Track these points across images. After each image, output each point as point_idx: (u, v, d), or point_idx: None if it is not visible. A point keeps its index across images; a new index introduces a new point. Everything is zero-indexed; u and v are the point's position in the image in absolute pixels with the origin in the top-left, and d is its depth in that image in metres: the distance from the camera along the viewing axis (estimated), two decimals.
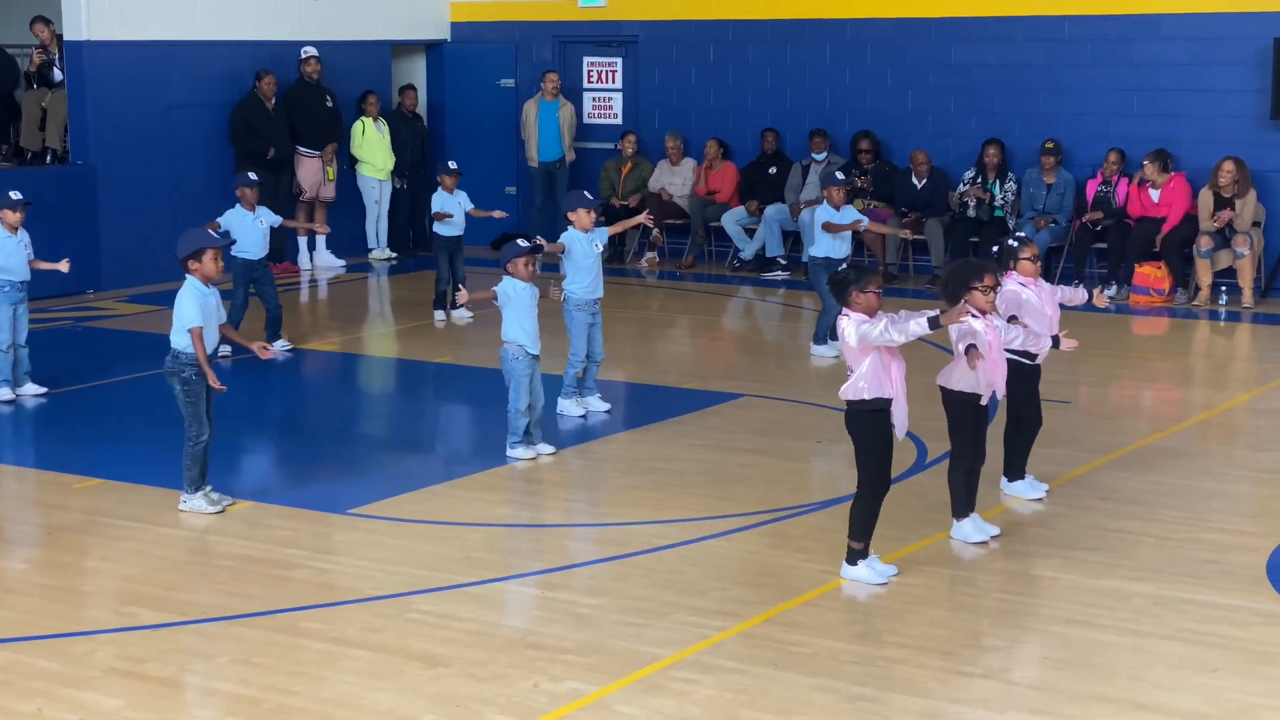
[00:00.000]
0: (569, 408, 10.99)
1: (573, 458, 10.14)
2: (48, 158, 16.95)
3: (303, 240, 17.73)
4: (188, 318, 8.61)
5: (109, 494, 9.24)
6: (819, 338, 13.00)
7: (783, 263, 17.35)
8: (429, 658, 6.79)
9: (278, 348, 13.10)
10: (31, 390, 11.56)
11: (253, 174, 13.13)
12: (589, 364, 11.00)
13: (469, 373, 12.72)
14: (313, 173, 17.73)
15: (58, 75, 16.84)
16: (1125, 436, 10.50)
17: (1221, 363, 13.82)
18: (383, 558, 8.14)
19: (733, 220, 17.72)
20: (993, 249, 9.02)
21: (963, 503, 8.27)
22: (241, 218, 12.71)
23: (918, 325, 7.29)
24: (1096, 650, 6.87)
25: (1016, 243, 8.91)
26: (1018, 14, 16.76)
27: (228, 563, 8.09)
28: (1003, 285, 8.49)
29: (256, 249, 12.85)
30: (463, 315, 14.54)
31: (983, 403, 8.16)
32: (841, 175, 12.93)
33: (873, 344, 7.38)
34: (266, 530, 8.58)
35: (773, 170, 17.74)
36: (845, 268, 7.69)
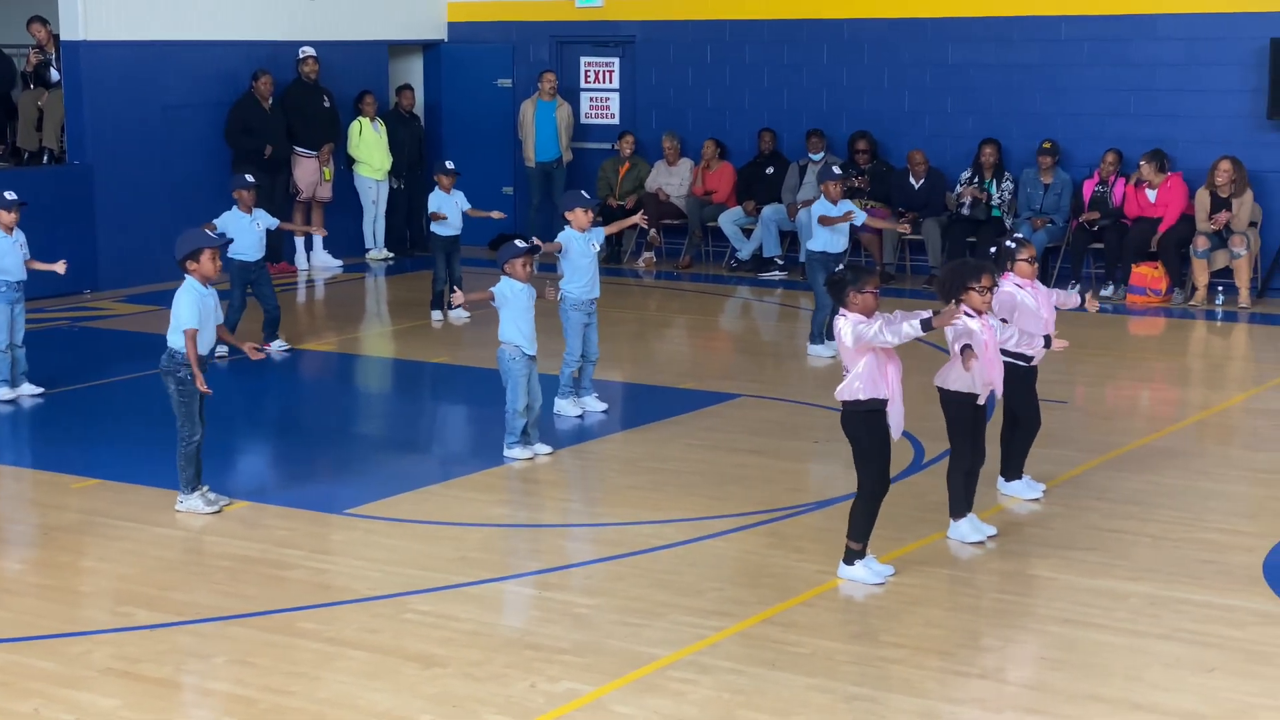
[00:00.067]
0: (566, 408, 10.99)
1: (570, 458, 10.14)
2: (44, 158, 16.93)
3: (300, 240, 17.71)
4: (184, 318, 8.60)
5: (106, 494, 9.24)
6: (815, 337, 13.00)
7: (780, 263, 17.35)
8: (426, 658, 6.78)
9: (275, 348, 13.11)
10: (28, 390, 11.56)
11: (249, 176, 13.13)
12: (584, 364, 11.00)
13: (466, 373, 12.72)
14: (309, 173, 17.72)
15: (54, 75, 16.82)
16: (1122, 436, 10.50)
17: (1218, 363, 13.83)
18: (379, 558, 8.14)
19: (730, 220, 17.73)
20: (990, 250, 9.02)
21: (961, 503, 8.27)
22: (239, 220, 12.70)
23: (910, 327, 7.29)
24: (1093, 650, 6.87)
25: (1014, 244, 8.91)
26: (1014, 14, 16.77)
27: (224, 563, 8.09)
28: (999, 286, 8.49)
29: (254, 251, 12.84)
30: (460, 315, 14.53)
31: (980, 402, 8.16)
32: (839, 170, 12.95)
33: (868, 344, 7.38)
34: (263, 530, 8.58)
35: (770, 170, 17.74)
36: (842, 268, 7.69)
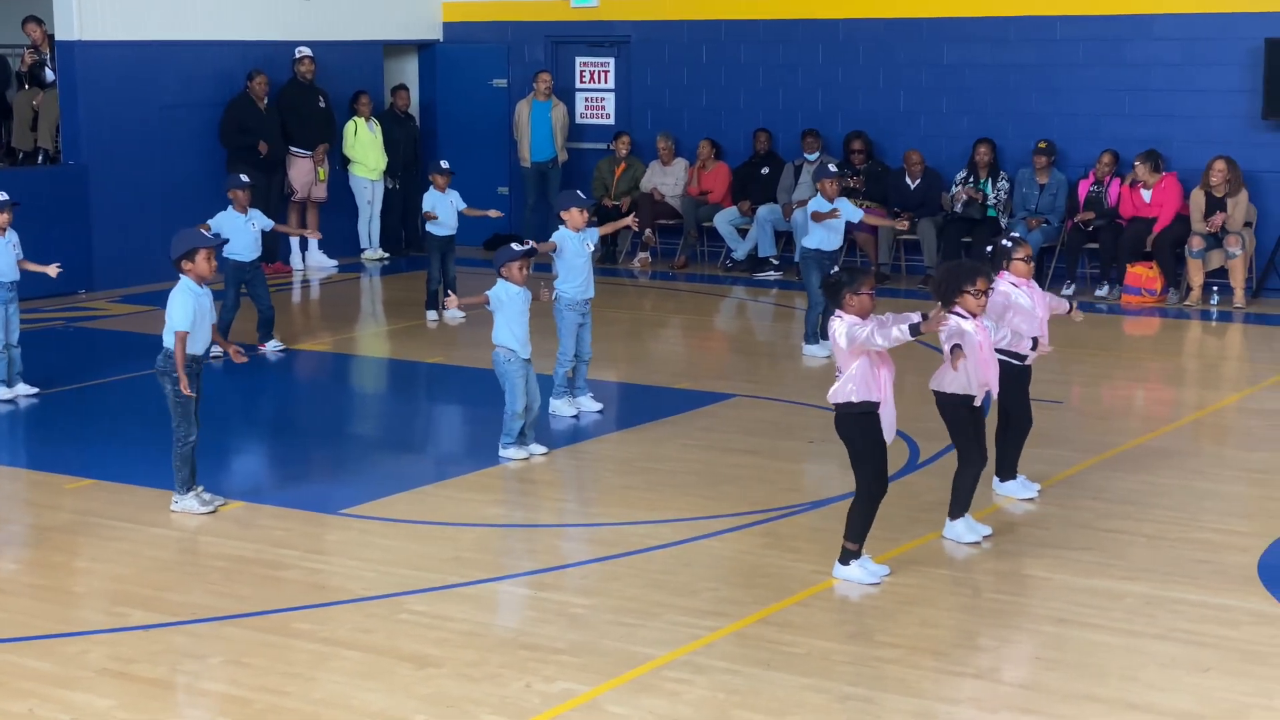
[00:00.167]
0: (561, 408, 10.99)
1: (565, 458, 10.13)
2: (39, 158, 16.92)
3: (295, 241, 17.70)
4: (177, 320, 8.60)
5: (100, 494, 9.23)
6: (810, 337, 13.01)
7: (775, 263, 17.35)
8: (421, 658, 6.78)
9: (270, 348, 13.11)
10: (24, 390, 11.55)
11: (244, 176, 13.13)
12: (578, 363, 11.00)
13: (461, 373, 12.72)
14: (304, 173, 17.72)
15: (49, 75, 16.81)
16: (1117, 436, 10.50)
17: (1213, 363, 13.83)
18: (375, 558, 8.14)
19: (725, 220, 17.73)
20: (987, 249, 9.02)
21: (963, 504, 8.27)
22: (233, 219, 12.69)
23: (900, 331, 7.30)
24: (1089, 650, 6.87)
25: (1010, 243, 8.91)
26: (1010, 14, 16.78)
27: (219, 563, 8.08)
28: (994, 287, 8.49)
29: (249, 251, 12.82)
30: (455, 315, 14.53)
31: (976, 404, 8.16)
32: (834, 168, 12.96)
33: (861, 346, 7.39)
34: (258, 530, 8.57)
35: (765, 170, 17.74)
36: (838, 270, 7.69)
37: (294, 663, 6.74)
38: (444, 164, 14.52)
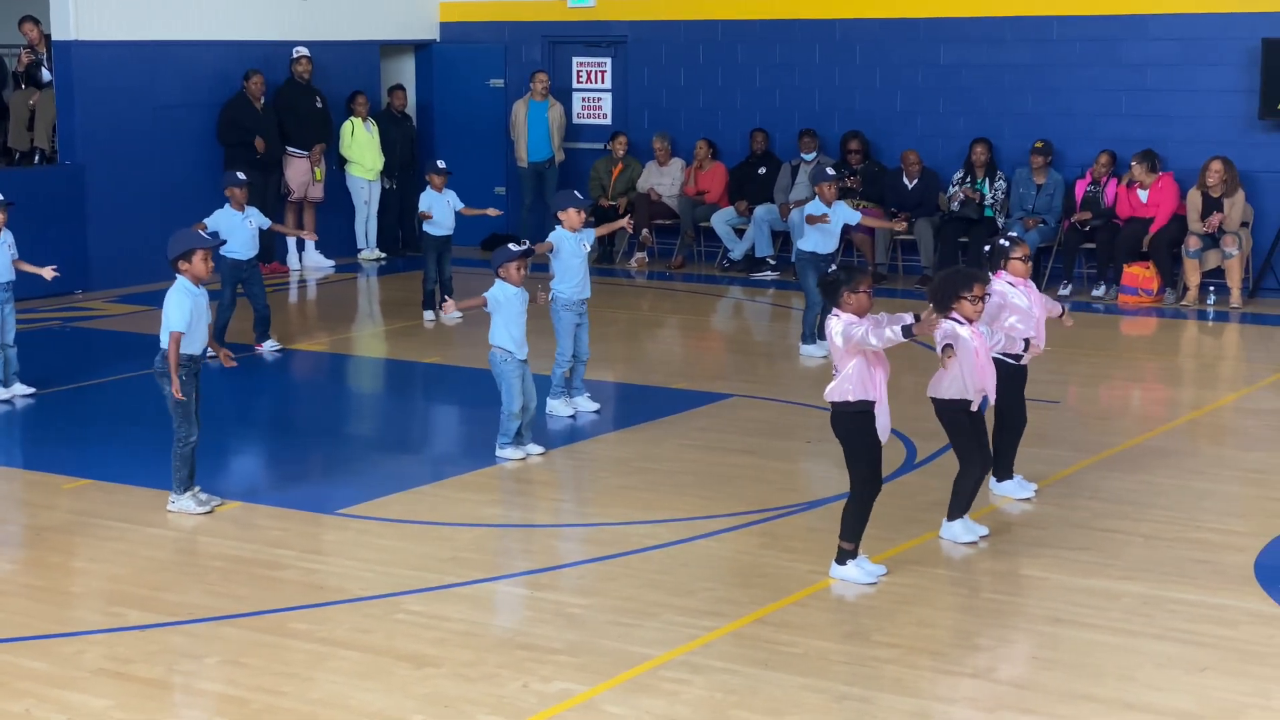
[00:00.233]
0: (558, 408, 10.99)
1: (562, 458, 10.13)
2: (35, 158, 16.91)
3: (291, 240, 17.70)
4: (173, 320, 8.58)
5: (97, 494, 9.22)
6: (807, 337, 13.01)
7: (772, 263, 17.35)
8: (418, 658, 6.78)
9: (267, 348, 13.11)
10: (20, 390, 11.54)
11: (241, 174, 13.12)
12: (575, 363, 11.00)
13: (458, 373, 12.71)
14: (301, 173, 17.71)
15: (46, 75, 16.80)
16: (1114, 436, 10.50)
17: (1210, 362, 13.84)
18: (372, 558, 8.13)
19: (722, 220, 17.73)
20: (984, 248, 9.03)
21: (963, 506, 8.27)
22: (230, 218, 12.68)
23: (893, 332, 7.31)
24: (1086, 650, 6.87)
25: (1008, 242, 8.92)
26: (1006, 14, 16.78)
27: (216, 563, 8.08)
28: (991, 288, 8.49)
29: (246, 249, 12.80)
30: (452, 316, 14.52)
31: (973, 408, 8.15)
32: (833, 171, 12.96)
33: (857, 345, 7.39)
34: (255, 531, 8.57)
35: (762, 170, 17.75)
36: (836, 269, 7.69)
37: (291, 663, 6.74)
38: (441, 164, 14.51)
